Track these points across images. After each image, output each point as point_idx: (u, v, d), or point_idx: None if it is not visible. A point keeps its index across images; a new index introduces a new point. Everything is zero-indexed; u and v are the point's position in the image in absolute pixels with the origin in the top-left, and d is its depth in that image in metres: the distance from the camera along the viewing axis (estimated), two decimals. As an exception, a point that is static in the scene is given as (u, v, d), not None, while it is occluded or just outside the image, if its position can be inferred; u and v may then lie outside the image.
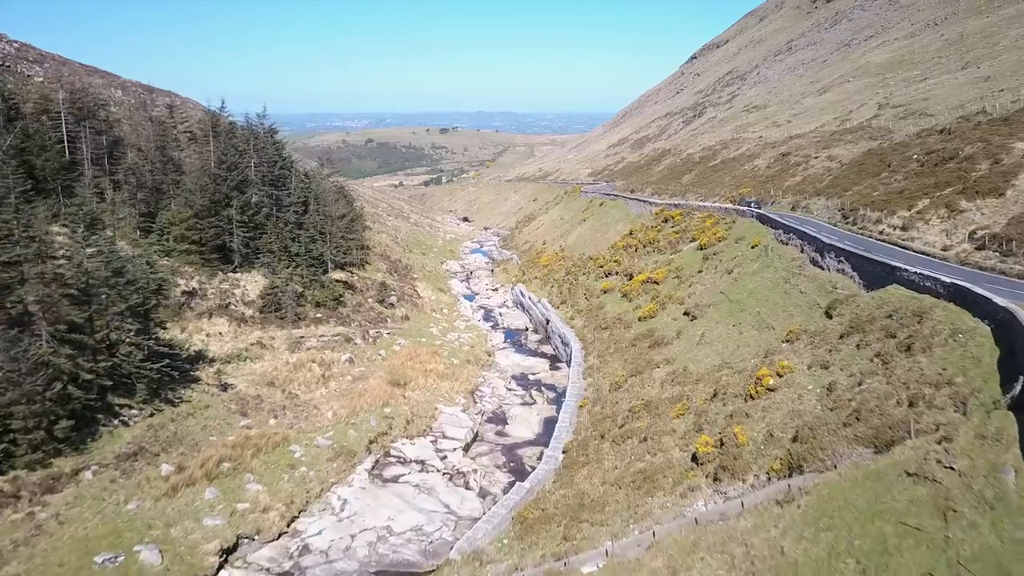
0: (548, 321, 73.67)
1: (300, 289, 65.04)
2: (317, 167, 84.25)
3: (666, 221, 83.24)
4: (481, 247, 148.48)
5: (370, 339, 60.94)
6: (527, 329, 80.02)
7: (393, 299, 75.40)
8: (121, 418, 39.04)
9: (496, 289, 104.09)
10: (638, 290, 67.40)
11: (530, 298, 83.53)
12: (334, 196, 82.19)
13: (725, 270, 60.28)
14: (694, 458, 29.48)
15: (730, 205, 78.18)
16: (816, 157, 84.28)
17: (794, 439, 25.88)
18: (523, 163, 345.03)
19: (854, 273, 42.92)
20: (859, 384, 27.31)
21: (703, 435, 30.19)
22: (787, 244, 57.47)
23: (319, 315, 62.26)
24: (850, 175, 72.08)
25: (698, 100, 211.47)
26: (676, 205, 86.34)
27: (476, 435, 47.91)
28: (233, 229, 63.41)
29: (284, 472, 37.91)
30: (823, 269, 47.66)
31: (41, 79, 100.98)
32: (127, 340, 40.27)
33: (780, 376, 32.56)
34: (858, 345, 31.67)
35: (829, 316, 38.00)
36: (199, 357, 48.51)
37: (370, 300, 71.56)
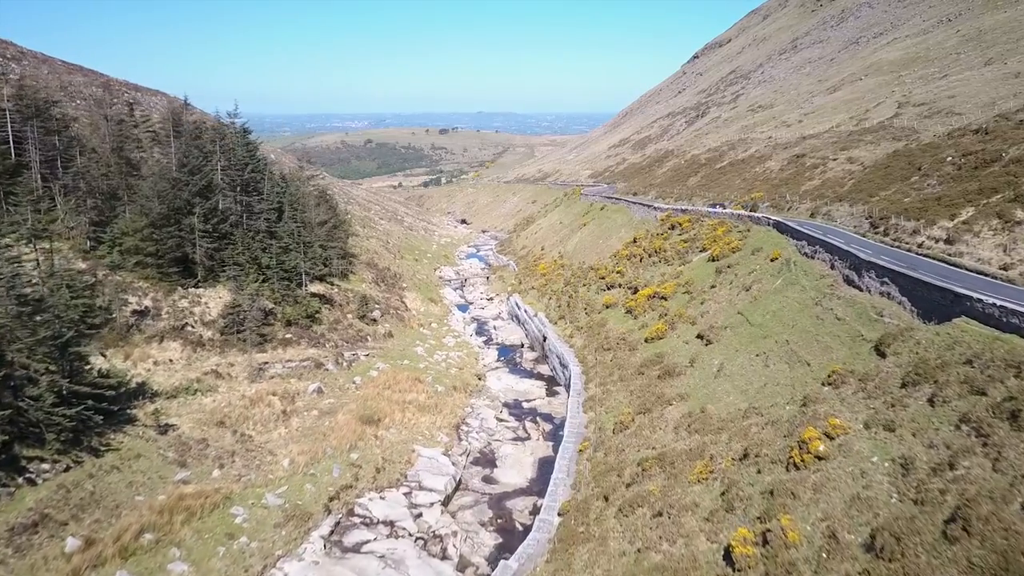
0: (545, 338, 66.56)
1: (270, 306, 58.01)
2: (296, 169, 77.12)
3: (673, 228, 76.09)
4: (478, 251, 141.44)
5: (344, 363, 53.81)
6: (523, 345, 72.92)
7: (376, 313, 68.27)
8: (28, 475, 31.95)
9: (491, 299, 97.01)
10: (644, 306, 60.28)
11: (526, 311, 76.42)
12: (315, 201, 75.09)
13: (742, 286, 53.16)
14: (727, 556, 22.37)
15: (743, 212, 71.01)
16: (834, 159, 77.09)
17: (869, 548, 18.81)
18: (523, 164, 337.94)
19: (903, 298, 35.76)
20: (950, 466, 20.19)
21: (739, 527, 23.03)
22: (813, 258, 50.33)
23: (289, 335, 55.17)
24: (875, 179, 64.93)
25: (701, 100, 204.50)
26: (684, 211, 79.18)
27: (459, 483, 40.77)
28: (196, 239, 56.34)
29: (220, 544, 30.79)
30: (861, 290, 40.49)
31: (17, 76, 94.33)
32: (39, 380, 33.23)
33: (831, 438, 25.43)
34: (931, 401, 24.54)
35: (881, 354, 30.84)
36: (139, 391, 41.42)
37: (349, 316, 64.42)
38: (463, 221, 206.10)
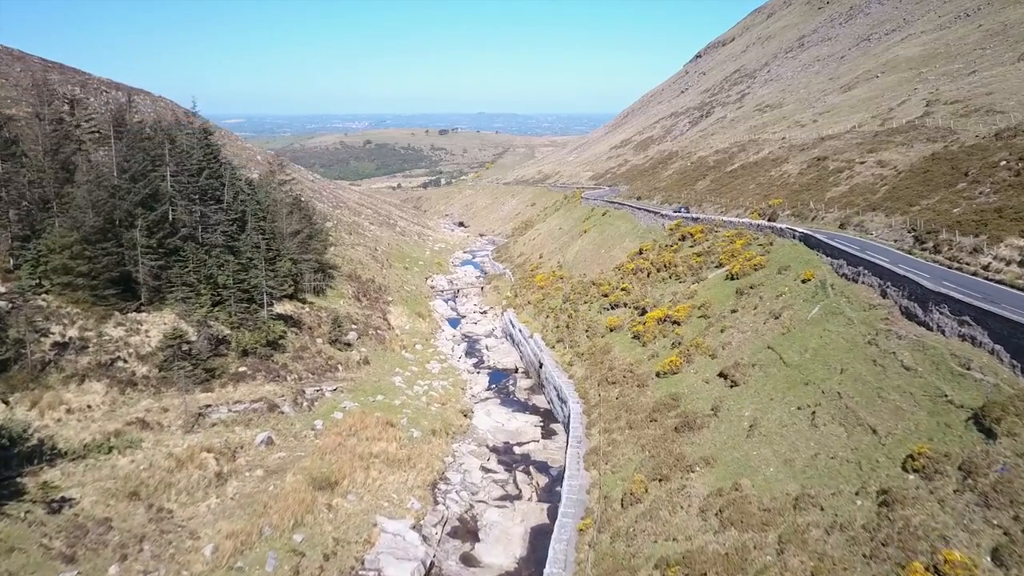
0: (541, 364, 58.17)
1: (225, 332, 49.72)
2: (267, 173, 68.78)
3: (683, 239, 67.60)
4: (473, 258, 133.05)
5: (305, 403, 45.44)
6: (516, 370, 64.49)
7: (352, 336, 59.87)
8: None
9: (484, 312, 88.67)
10: (654, 331, 51.87)
11: (521, 331, 68.00)
12: (288, 209, 66.71)
13: (769, 312, 44.74)
14: None
15: (762, 221, 62.59)
16: (862, 162, 68.60)
17: None
18: (523, 165, 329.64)
19: (997, 346, 27.23)
20: None
21: None
22: (855, 281, 41.88)
23: (243, 368, 46.80)
24: (913, 185, 56.59)
25: (705, 99, 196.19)
26: (695, 219, 70.68)
27: (431, 567, 32.40)
28: (138, 256, 48.07)
29: None
30: (931, 329, 32.00)
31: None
32: None
33: (947, 580, 17.14)
34: (1102, 531, 16.26)
35: (987, 431, 22.47)
36: (36, 452, 33.09)
37: (319, 340, 56.02)
38: (460, 224, 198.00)
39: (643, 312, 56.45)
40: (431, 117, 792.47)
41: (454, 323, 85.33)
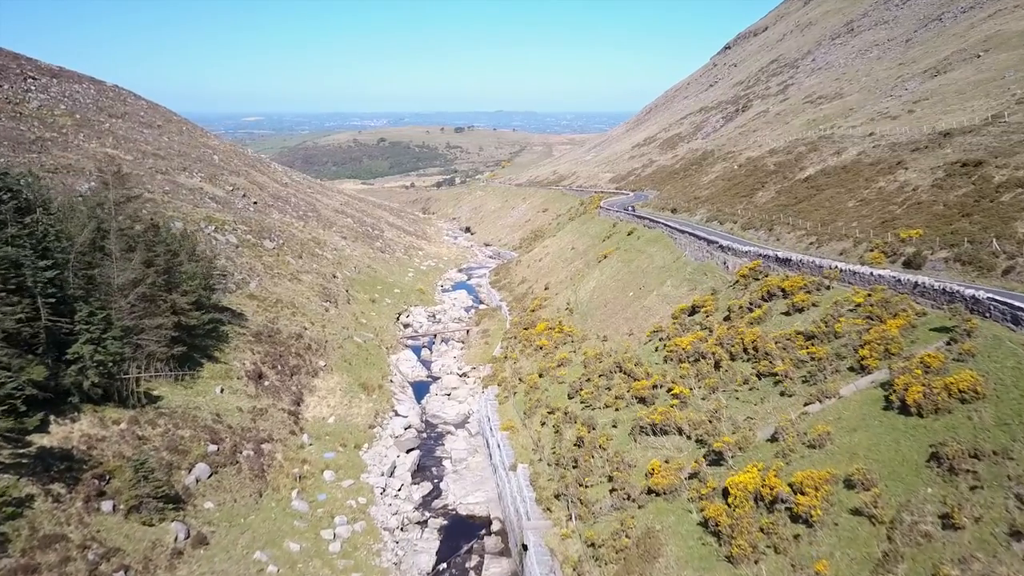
0: (526, 548, 29.95)
1: None
2: (98, 188, 41.20)
3: (769, 296, 38.67)
4: (469, 279, 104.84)
5: None
6: (489, 523, 36.27)
7: (196, 475, 32.11)
8: None
9: (465, 373, 60.61)
10: (748, 525, 23.40)
11: (500, 445, 39.58)
12: (126, 244, 38.96)
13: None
14: None
15: (921, 277, 33.55)
16: (1067, 171, 39.18)
17: None
18: (538, 164, 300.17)
19: None
20: None
21: None
22: None
23: None
24: None
25: (739, 92, 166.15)
26: (786, 261, 41.39)
27: None
28: None
29: None
30: None
31: None
32: None
33: None
34: None
35: None
36: None
37: (108, 505, 28.26)
38: (467, 229, 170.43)
39: (718, 459, 27.91)
40: (450, 115, 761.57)
41: (421, 390, 57.60)
